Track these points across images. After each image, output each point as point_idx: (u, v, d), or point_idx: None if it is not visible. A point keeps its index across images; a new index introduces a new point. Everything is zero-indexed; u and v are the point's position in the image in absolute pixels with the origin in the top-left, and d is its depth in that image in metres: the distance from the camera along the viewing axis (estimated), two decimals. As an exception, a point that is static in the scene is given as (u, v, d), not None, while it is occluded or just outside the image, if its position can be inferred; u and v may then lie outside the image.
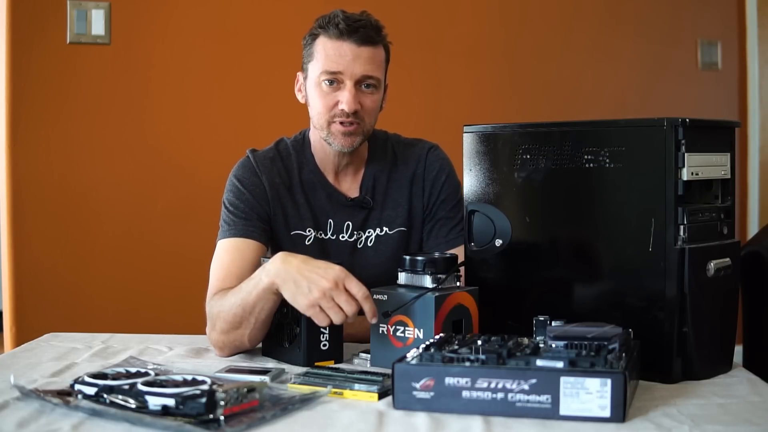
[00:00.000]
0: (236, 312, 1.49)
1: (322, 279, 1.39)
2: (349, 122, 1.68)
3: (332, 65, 1.66)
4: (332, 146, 1.71)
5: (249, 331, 1.50)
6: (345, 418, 1.16)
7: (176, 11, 2.96)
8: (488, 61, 3.26)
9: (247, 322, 1.49)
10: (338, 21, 1.66)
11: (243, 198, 1.72)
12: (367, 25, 1.67)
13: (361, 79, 1.67)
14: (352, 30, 1.65)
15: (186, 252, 2.88)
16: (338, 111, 1.67)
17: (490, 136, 1.52)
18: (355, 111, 1.66)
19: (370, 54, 1.67)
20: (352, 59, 1.66)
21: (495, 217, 1.50)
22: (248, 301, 1.48)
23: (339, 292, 1.38)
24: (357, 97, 1.67)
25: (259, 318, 1.49)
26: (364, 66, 1.66)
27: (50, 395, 1.22)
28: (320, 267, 1.41)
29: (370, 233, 1.77)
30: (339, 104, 1.67)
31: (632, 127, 1.38)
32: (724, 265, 1.37)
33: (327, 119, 1.69)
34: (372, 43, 1.68)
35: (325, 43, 1.67)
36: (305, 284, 1.39)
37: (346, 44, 1.66)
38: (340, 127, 1.68)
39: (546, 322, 1.33)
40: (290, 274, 1.42)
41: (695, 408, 1.20)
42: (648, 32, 3.44)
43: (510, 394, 1.14)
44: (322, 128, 1.70)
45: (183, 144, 2.96)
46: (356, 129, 1.69)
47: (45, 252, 2.85)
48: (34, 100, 2.83)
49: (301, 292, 1.39)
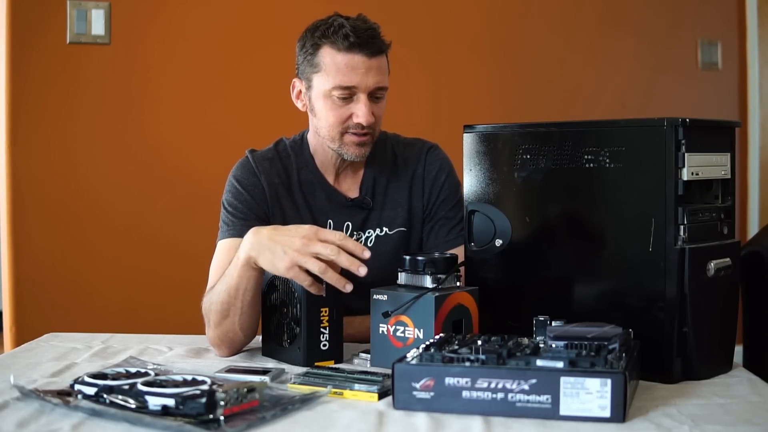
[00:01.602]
0: (222, 299, 1.50)
1: (293, 238, 1.39)
2: (364, 133, 1.68)
3: (345, 80, 1.64)
4: (345, 156, 1.71)
5: (238, 317, 1.50)
6: (345, 418, 1.16)
7: (176, 11, 2.96)
8: (488, 61, 3.26)
9: (234, 308, 1.49)
10: (346, 32, 1.63)
11: (242, 198, 1.72)
12: (375, 35, 1.66)
13: (374, 91, 1.67)
14: (363, 42, 1.63)
15: (186, 252, 2.88)
16: (353, 124, 1.67)
17: (490, 136, 1.52)
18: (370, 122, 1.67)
19: (380, 64, 1.67)
20: (365, 72, 1.64)
21: (495, 217, 1.50)
22: (231, 285, 1.48)
23: (313, 243, 1.38)
24: (371, 108, 1.66)
25: (245, 300, 1.48)
26: (376, 78, 1.66)
27: (50, 395, 1.22)
28: (290, 229, 1.42)
29: (370, 234, 1.77)
30: (353, 117, 1.66)
31: (632, 127, 1.38)
32: (724, 265, 1.37)
33: (339, 131, 1.69)
34: (381, 53, 1.67)
35: (334, 56, 1.65)
36: (279, 248, 1.39)
37: (357, 57, 1.64)
38: (354, 138, 1.68)
39: (546, 322, 1.33)
40: (263, 244, 1.42)
41: (695, 408, 1.20)
42: (648, 32, 3.44)
43: (510, 394, 1.14)
44: (333, 140, 1.70)
45: (183, 144, 2.96)
46: (369, 139, 1.70)
47: (45, 252, 2.85)
48: (34, 100, 2.83)
49: (277, 256, 1.39)
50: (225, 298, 1.49)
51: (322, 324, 1.47)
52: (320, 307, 1.46)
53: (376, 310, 1.43)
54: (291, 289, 1.47)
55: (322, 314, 1.47)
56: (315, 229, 1.40)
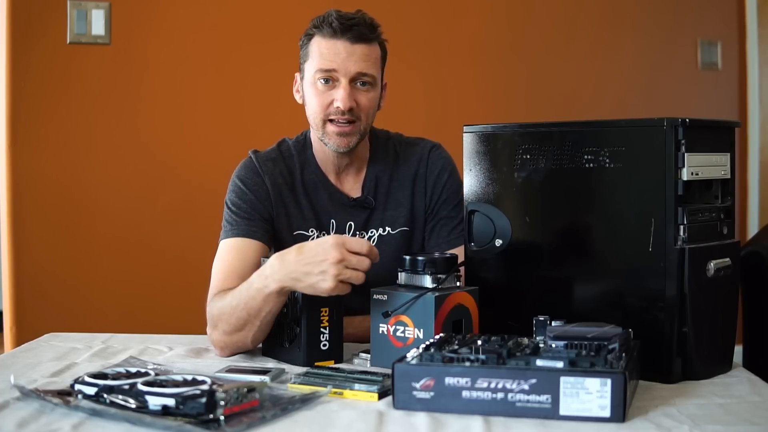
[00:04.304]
0: (240, 316, 1.49)
1: (326, 260, 1.38)
2: (345, 121, 1.68)
3: (326, 63, 1.67)
4: (328, 146, 1.72)
5: (253, 333, 1.51)
6: (345, 418, 1.16)
7: (176, 11, 2.95)
8: (488, 61, 3.26)
9: (251, 325, 1.49)
10: (332, 20, 1.67)
11: (245, 198, 1.72)
12: (360, 23, 1.68)
13: (355, 76, 1.67)
14: (346, 28, 1.66)
15: (187, 252, 2.88)
16: (333, 109, 1.68)
17: (490, 136, 1.52)
18: (351, 108, 1.67)
19: (364, 51, 1.68)
20: (346, 57, 1.66)
21: (495, 217, 1.50)
22: (253, 306, 1.47)
23: (347, 258, 1.38)
24: (352, 94, 1.67)
25: (265, 320, 1.49)
26: (358, 63, 1.67)
27: (50, 395, 1.22)
28: (316, 247, 1.41)
29: (372, 233, 1.78)
30: (334, 102, 1.67)
31: (632, 127, 1.38)
32: (724, 265, 1.37)
33: (322, 118, 1.69)
34: (366, 40, 1.68)
35: (320, 43, 1.68)
36: (316, 272, 1.39)
37: (339, 42, 1.67)
38: (335, 128, 1.69)
39: (546, 322, 1.33)
40: (296, 272, 1.41)
41: (695, 408, 1.20)
42: (648, 32, 3.44)
43: (510, 394, 1.14)
44: (318, 128, 1.71)
45: (183, 144, 2.96)
46: (352, 129, 1.69)
47: (45, 252, 2.85)
48: (34, 100, 2.83)
49: (318, 281, 1.39)
50: (243, 316, 1.49)
51: (322, 324, 1.47)
52: (320, 307, 1.46)
53: (376, 310, 1.43)
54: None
55: (322, 314, 1.47)
56: (341, 240, 1.40)
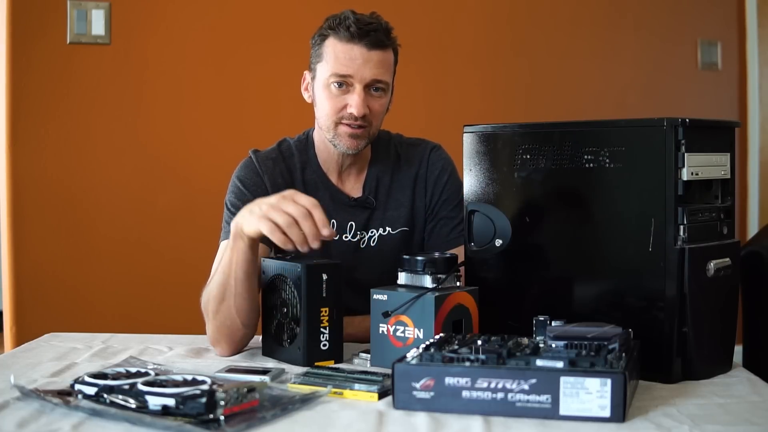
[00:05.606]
0: (218, 281, 1.50)
1: (270, 198, 1.43)
2: (357, 125, 1.68)
3: (342, 68, 1.66)
4: (337, 147, 1.72)
5: (234, 299, 1.49)
6: (345, 418, 1.16)
7: (176, 11, 2.96)
8: (489, 61, 3.26)
9: (229, 288, 1.49)
10: (349, 23, 1.65)
11: (245, 199, 1.72)
12: (378, 29, 1.67)
13: (370, 83, 1.67)
14: (363, 33, 1.65)
15: (187, 252, 2.88)
16: (346, 114, 1.68)
17: (490, 136, 1.52)
18: (364, 115, 1.67)
19: (380, 58, 1.68)
20: (362, 63, 1.66)
21: (495, 217, 1.50)
22: (225, 263, 1.50)
23: (286, 202, 1.40)
24: (366, 101, 1.67)
25: (238, 276, 1.48)
26: (373, 70, 1.67)
27: (50, 395, 1.22)
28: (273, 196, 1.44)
29: (373, 233, 1.78)
30: (348, 107, 1.67)
31: (632, 127, 1.38)
32: (724, 265, 1.37)
33: (334, 121, 1.69)
34: (382, 46, 1.68)
35: (335, 45, 1.67)
36: (256, 207, 1.43)
37: (356, 47, 1.66)
38: (347, 129, 1.69)
39: (546, 322, 1.33)
40: (247, 209, 1.45)
41: (695, 408, 1.20)
42: (648, 32, 3.45)
43: (510, 394, 1.14)
44: (329, 129, 1.71)
45: (183, 144, 2.96)
46: (363, 132, 1.70)
47: (45, 252, 2.85)
48: (34, 100, 2.83)
49: (254, 213, 1.42)
50: (220, 279, 1.50)
51: (322, 324, 1.47)
52: (320, 307, 1.46)
53: (376, 310, 1.43)
54: (291, 289, 1.47)
55: (322, 314, 1.47)
56: (293, 191, 1.43)
